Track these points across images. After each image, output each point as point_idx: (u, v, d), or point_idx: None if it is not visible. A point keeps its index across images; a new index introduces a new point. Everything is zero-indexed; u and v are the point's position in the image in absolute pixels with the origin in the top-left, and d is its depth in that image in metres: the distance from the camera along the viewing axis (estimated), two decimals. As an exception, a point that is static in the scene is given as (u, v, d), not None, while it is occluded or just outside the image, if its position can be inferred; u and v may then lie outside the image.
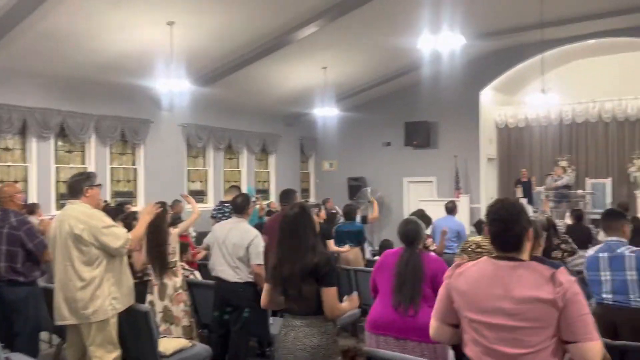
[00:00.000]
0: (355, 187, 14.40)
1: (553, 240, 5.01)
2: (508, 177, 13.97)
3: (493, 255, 2.14)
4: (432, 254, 3.47)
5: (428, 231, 7.01)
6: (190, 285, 5.16)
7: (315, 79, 11.64)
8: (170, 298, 4.64)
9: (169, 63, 8.37)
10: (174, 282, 4.71)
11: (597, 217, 11.40)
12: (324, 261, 2.86)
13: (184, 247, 5.43)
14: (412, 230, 3.40)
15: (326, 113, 12.63)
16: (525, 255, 2.10)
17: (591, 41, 11.60)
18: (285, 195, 5.05)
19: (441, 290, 2.26)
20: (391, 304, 3.28)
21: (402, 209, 13.97)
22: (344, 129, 14.42)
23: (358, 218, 7.72)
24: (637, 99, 12.39)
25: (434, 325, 2.29)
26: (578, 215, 7.20)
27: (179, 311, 4.66)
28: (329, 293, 2.84)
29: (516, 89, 13.69)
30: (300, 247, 2.88)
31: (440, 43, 7.05)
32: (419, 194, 13.46)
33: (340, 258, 6.69)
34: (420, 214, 5.79)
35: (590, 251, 3.92)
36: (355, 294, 3.12)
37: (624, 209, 6.69)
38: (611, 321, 3.63)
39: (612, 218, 3.90)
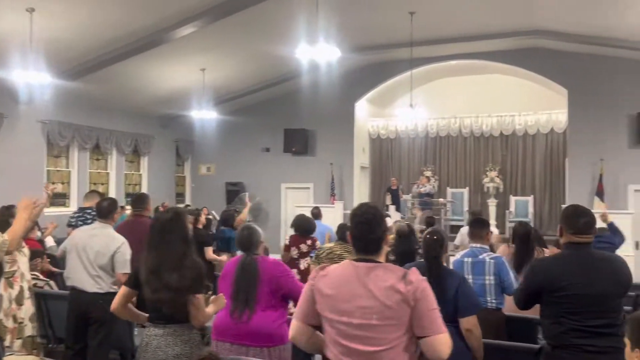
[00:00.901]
0: (233, 192, 14.25)
1: (413, 245, 5.39)
2: (379, 184, 14.76)
3: (354, 258, 2.23)
4: (272, 258, 3.52)
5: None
6: (43, 297, 4.72)
7: (193, 80, 11.34)
8: (5, 312, 4.13)
9: (27, 53, 7.63)
10: (9, 293, 4.20)
11: (456, 223, 12.59)
12: (191, 268, 2.79)
13: (35, 255, 4.95)
14: (246, 237, 3.40)
15: (204, 115, 12.37)
16: (382, 258, 2.22)
17: (454, 62, 12.67)
18: (138, 201, 4.82)
19: (304, 292, 2.31)
20: (228, 310, 3.27)
21: (280, 214, 14.12)
22: (222, 132, 14.22)
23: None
24: (491, 117, 13.77)
25: (294, 325, 2.32)
26: (430, 222, 7.80)
27: (14, 325, 4.17)
28: (197, 302, 2.77)
29: (388, 103, 14.51)
30: (170, 254, 2.77)
31: (317, 54, 7.25)
32: (297, 200, 13.68)
33: (217, 266, 6.54)
34: (301, 219, 5.90)
35: (457, 255, 4.25)
36: (221, 296, 3.07)
37: (475, 216, 7.36)
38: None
39: (479, 226, 4.22)
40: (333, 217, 11.01)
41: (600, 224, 4.86)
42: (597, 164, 11.23)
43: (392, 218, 9.82)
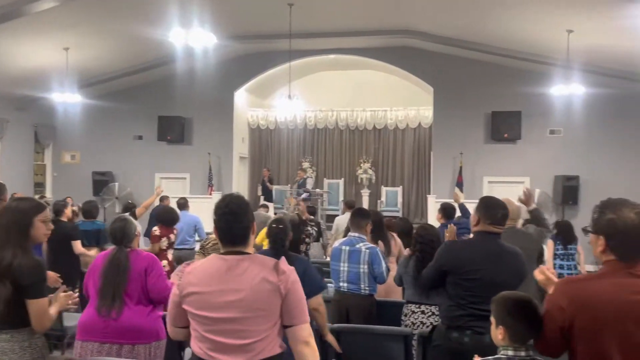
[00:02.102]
0: (101, 182, 13.31)
1: (301, 235, 5.47)
2: (258, 175, 14.71)
3: (221, 251, 2.18)
4: (145, 252, 3.39)
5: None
6: None
7: (55, 59, 10.36)
8: None
9: None
10: None
11: (332, 213, 12.98)
12: (30, 268, 2.45)
13: None
14: (119, 229, 3.23)
15: (67, 99, 11.34)
16: (250, 248, 2.20)
17: (332, 56, 12.99)
18: (-6, 191, 4.33)
19: (172, 294, 2.23)
20: (95, 307, 3.09)
21: (153, 205, 13.46)
22: (89, 118, 13.21)
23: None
24: (365, 111, 14.38)
25: (171, 331, 2.28)
26: (311, 212, 7.98)
27: None
28: (38, 305, 2.47)
29: (268, 93, 14.51)
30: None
31: (192, 39, 6.99)
32: (172, 191, 13.14)
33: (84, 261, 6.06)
34: (164, 210, 5.70)
35: (336, 243, 4.37)
36: (62, 294, 2.68)
37: (349, 205, 7.65)
38: (345, 306, 4.12)
39: (360, 217, 4.38)
40: (211, 209, 10.75)
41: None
42: (457, 158, 12.23)
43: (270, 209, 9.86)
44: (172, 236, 5.86)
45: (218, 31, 7.84)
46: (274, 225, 3.30)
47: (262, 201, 12.06)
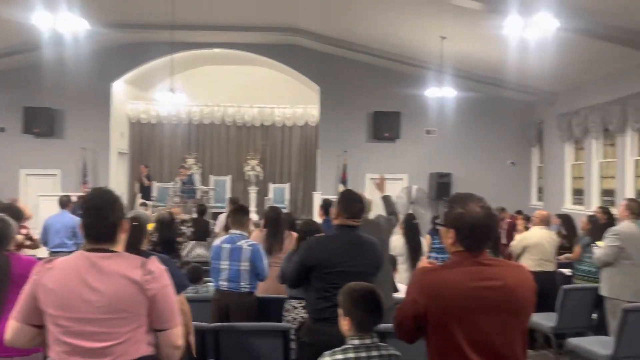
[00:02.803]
0: (-46, 179, 11.84)
1: (174, 234, 5.23)
2: (139, 172, 13.97)
3: (86, 247, 2.03)
4: (26, 256, 3.06)
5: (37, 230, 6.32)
6: None
7: None
8: None
9: None
10: None
11: (217, 210, 12.70)
12: None
13: None
14: None
15: None
16: (119, 247, 2.06)
17: (217, 50, 12.70)
18: None
19: (26, 288, 2.03)
20: None
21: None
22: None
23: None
24: (253, 108, 14.26)
25: (12, 326, 2.03)
26: (201, 210, 7.74)
27: None
28: None
29: (149, 85, 13.82)
30: None
31: (59, 24, 6.41)
32: (40, 188, 12.04)
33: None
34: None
35: (217, 241, 4.22)
36: None
37: (234, 203, 7.52)
38: (225, 305, 4.01)
39: (240, 214, 4.28)
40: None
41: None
42: (342, 156, 12.57)
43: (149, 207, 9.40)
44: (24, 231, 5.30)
45: (91, 17, 7.28)
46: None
47: (139, 199, 11.46)
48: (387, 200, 4.28)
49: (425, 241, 6.91)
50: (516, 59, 8.72)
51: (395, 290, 4.38)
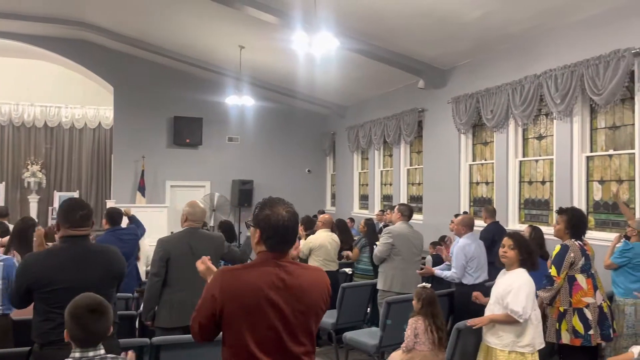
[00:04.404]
0: None
1: None
2: None
3: None
4: None
5: None
6: None
7: None
8: None
9: None
10: None
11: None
12: None
13: None
14: None
15: None
16: None
17: (-11, 38, 11.02)
18: None
19: None
20: None
21: None
22: None
23: None
24: (34, 106, 12.70)
25: None
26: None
27: None
28: None
29: None
30: None
31: None
32: None
33: None
34: None
35: None
36: None
37: (2, 214, 6.57)
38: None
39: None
40: None
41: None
42: (139, 161, 11.92)
43: None
44: None
45: None
46: None
47: None
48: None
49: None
50: (307, 72, 9.29)
51: None
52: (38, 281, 2.64)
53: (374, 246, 5.85)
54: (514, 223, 7.38)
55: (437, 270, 5.51)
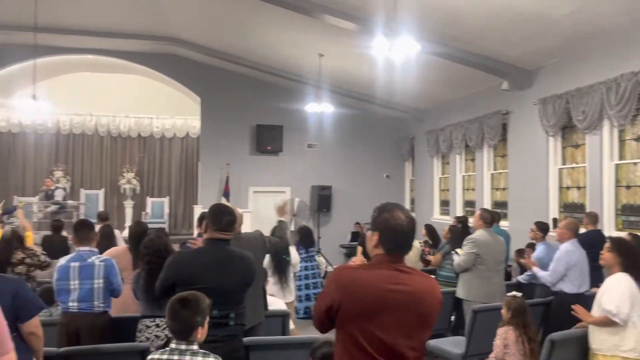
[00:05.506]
0: None
1: (16, 254, 4.77)
2: (-3, 185, 12.71)
3: None
4: None
5: None
6: None
7: None
8: None
9: None
10: None
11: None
12: None
13: None
14: None
15: None
16: None
17: (90, 56, 11.96)
18: None
19: None
20: None
21: None
22: None
23: None
24: (129, 117, 13.60)
25: None
26: (56, 226, 7.14)
27: None
28: None
29: (8, 92, 12.62)
30: None
31: None
32: None
33: None
34: None
35: (62, 260, 3.90)
36: None
37: (102, 218, 7.09)
38: (75, 327, 3.71)
39: (86, 229, 4.01)
40: None
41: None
42: (224, 168, 12.41)
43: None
44: None
45: None
46: None
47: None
48: (281, 225, 4.27)
49: (294, 252, 7.04)
50: (386, 77, 9.25)
51: (266, 307, 4.34)
52: (184, 279, 2.83)
53: (453, 254, 5.71)
54: (610, 230, 6.92)
55: (535, 268, 5.26)
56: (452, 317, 5.83)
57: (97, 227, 5.75)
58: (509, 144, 9.18)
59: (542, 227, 6.06)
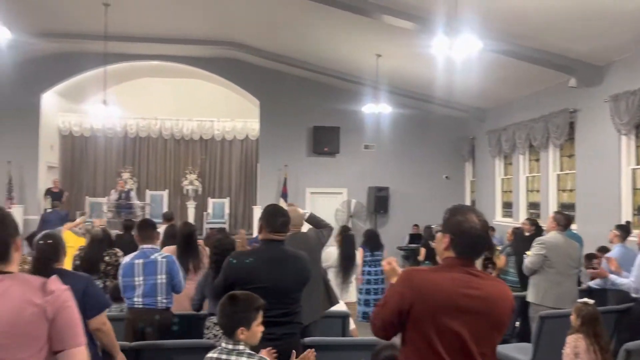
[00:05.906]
0: None
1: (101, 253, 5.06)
2: (71, 186, 13.44)
3: None
4: None
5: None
6: None
7: None
8: None
9: None
10: None
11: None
12: None
13: None
14: None
15: None
16: (13, 266, 1.94)
17: (155, 62, 12.46)
18: None
19: None
20: None
21: None
22: None
23: None
24: (191, 121, 14.05)
25: None
26: (127, 226, 7.47)
27: None
28: None
29: (81, 97, 13.36)
30: None
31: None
32: (-40, 205, 11.34)
33: None
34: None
35: (127, 258, 4.10)
36: None
37: (167, 218, 7.36)
38: (140, 323, 3.87)
39: (148, 228, 4.20)
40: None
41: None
42: (282, 170, 12.58)
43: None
44: None
45: (16, 26, 6.99)
46: (42, 242, 2.98)
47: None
48: (311, 218, 4.33)
49: (359, 254, 7.02)
50: (446, 76, 9.07)
51: (332, 302, 4.38)
52: (241, 279, 2.90)
53: (523, 256, 5.52)
54: (690, 235, 6.48)
55: (612, 276, 5.01)
56: (517, 323, 5.64)
57: (163, 227, 5.97)
58: (576, 143, 8.77)
59: (624, 229, 5.77)
